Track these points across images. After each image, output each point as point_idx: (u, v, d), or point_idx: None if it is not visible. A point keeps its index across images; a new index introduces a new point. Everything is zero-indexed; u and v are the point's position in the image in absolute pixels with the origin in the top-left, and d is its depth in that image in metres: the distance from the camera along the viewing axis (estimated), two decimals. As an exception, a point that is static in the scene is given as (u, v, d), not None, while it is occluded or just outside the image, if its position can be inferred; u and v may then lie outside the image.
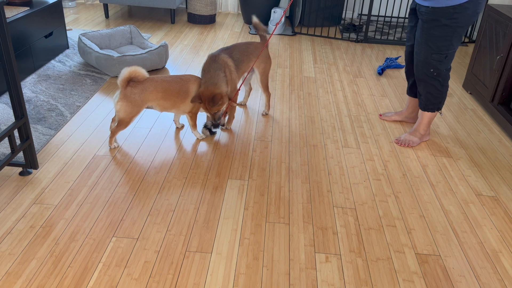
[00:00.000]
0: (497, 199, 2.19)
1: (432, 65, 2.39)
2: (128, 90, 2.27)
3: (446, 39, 2.30)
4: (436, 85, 2.45)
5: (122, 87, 2.26)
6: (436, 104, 2.52)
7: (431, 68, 2.41)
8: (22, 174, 2.14)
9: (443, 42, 2.32)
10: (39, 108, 2.77)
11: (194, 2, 4.76)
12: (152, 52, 3.36)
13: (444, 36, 2.30)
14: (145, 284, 1.59)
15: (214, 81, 2.39)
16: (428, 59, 2.39)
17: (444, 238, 1.91)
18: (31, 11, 3.21)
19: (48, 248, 1.72)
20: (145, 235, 1.82)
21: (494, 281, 1.70)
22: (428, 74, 2.43)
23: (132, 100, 2.28)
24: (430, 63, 2.39)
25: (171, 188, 2.12)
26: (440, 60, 2.37)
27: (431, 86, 2.46)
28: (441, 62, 2.38)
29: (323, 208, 2.05)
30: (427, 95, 2.50)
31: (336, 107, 3.05)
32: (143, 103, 2.32)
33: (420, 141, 2.62)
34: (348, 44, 4.49)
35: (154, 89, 2.33)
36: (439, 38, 2.31)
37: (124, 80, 2.25)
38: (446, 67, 2.41)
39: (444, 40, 2.31)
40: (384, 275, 1.70)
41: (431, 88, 2.47)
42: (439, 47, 2.34)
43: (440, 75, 2.42)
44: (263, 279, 1.65)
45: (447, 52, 2.34)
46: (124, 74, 2.23)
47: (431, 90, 2.48)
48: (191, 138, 2.57)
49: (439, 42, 2.32)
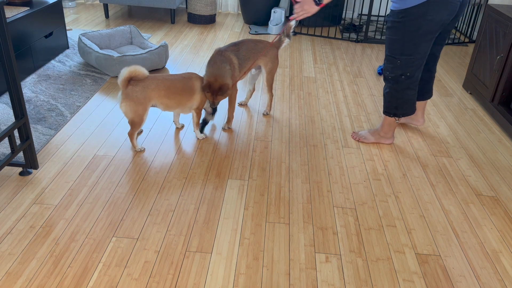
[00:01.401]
0: (497, 199, 2.19)
1: (388, 68, 2.37)
2: (129, 89, 2.26)
3: (397, 42, 2.26)
4: (391, 90, 2.41)
5: (123, 87, 2.26)
6: (392, 109, 2.46)
7: (387, 71, 2.38)
8: (22, 174, 2.14)
9: (394, 46, 2.28)
10: (39, 108, 2.78)
11: (194, 2, 4.76)
12: (152, 52, 3.36)
13: (395, 39, 2.26)
14: (145, 284, 1.59)
15: (221, 73, 2.43)
16: (385, 61, 2.38)
17: (444, 238, 1.91)
18: (31, 11, 3.21)
19: (48, 248, 1.72)
20: (145, 235, 1.82)
21: (494, 281, 1.70)
22: (385, 77, 2.41)
23: (134, 99, 2.27)
24: (387, 66, 2.38)
25: (171, 188, 2.12)
26: (393, 64, 2.33)
27: (388, 88, 2.43)
28: (393, 66, 2.33)
29: (323, 208, 2.05)
30: (385, 96, 2.47)
31: (336, 107, 3.05)
32: (146, 101, 2.31)
33: (375, 140, 2.60)
34: (348, 44, 4.49)
35: (156, 87, 2.32)
36: (392, 41, 2.29)
37: (125, 80, 2.24)
38: (403, 73, 2.33)
39: (395, 43, 2.27)
40: (384, 275, 1.70)
41: (387, 90, 2.44)
42: (392, 50, 2.31)
43: (396, 81, 2.37)
44: (263, 279, 1.65)
45: (400, 57, 2.29)
46: (124, 74, 2.22)
47: (387, 93, 2.44)
48: (191, 138, 2.57)
49: (391, 44, 2.30)
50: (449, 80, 3.67)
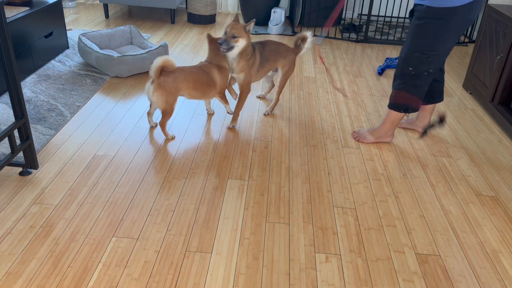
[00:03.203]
0: (497, 199, 2.19)
1: (412, 63, 2.33)
2: (161, 79, 2.37)
3: (431, 39, 2.24)
4: (408, 84, 2.37)
5: (156, 76, 2.35)
6: (403, 104, 2.44)
7: (410, 67, 2.33)
8: (22, 174, 2.14)
9: (427, 42, 2.25)
10: (39, 108, 2.78)
11: (194, 2, 4.76)
12: (152, 52, 3.36)
13: (430, 35, 2.23)
14: (145, 284, 1.59)
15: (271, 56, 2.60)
16: (409, 56, 2.32)
17: (444, 238, 1.91)
18: (31, 11, 3.21)
19: (48, 248, 1.72)
20: (145, 235, 1.82)
21: (494, 281, 1.70)
22: (405, 71, 2.36)
23: (166, 89, 2.39)
24: (410, 61, 2.33)
25: (171, 188, 2.12)
26: (422, 61, 2.30)
27: (403, 84, 2.38)
28: (422, 62, 2.30)
29: (323, 208, 2.05)
30: (397, 93, 2.43)
31: (336, 107, 3.05)
32: (176, 91, 2.44)
33: (374, 140, 2.59)
34: (348, 44, 4.49)
35: (185, 79, 2.45)
36: (424, 36, 2.25)
37: (158, 69, 2.33)
38: (427, 69, 2.32)
39: (430, 40, 2.24)
40: (384, 275, 1.70)
41: (402, 85, 2.39)
42: (422, 46, 2.27)
43: (417, 76, 2.35)
44: (263, 279, 1.65)
45: (430, 53, 2.27)
46: (158, 62, 2.31)
47: (402, 87, 2.40)
48: (191, 138, 2.57)
49: (423, 40, 2.26)
50: (449, 80, 3.67)
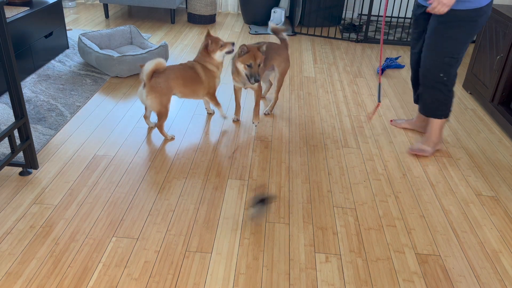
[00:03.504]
0: (497, 199, 2.19)
1: (443, 69, 2.30)
2: (153, 81, 2.37)
3: (460, 42, 2.22)
4: (443, 90, 2.36)
5: (147, 79, 2.36)
6: (442, 109, 2.43)
7: (441, 73, 2.31)
8: (22, 174, 2.14)
9: (457, 45, 2.23)
10: (39, 108, 2.78)
11: (194, 2, 4.76)
12: (152, 52, 3.36)
13: (460, 39, 2.21)
14: (145, 284, 1.59)
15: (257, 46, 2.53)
16: (439, 63, 2.29)
17: (444, 238, 1.91)
18: (31, 11, 3.21)
19: (48, 248, 1.72)
20: (145, 235, 1.82)
21: (494, 281, 1.70)
22: (437, 79, 2.33)
23: (159, 90, 2.39)
24: (441, 68, 2.30)
25: (171, 188, 2.12)
26: (452, 64, 2.28)
27: (438, 91, 2.37)
28: (452, 66, 2.29)
29: (323, 208, 2.05)
30: (433, 101, 2.41)
31: (336, 107, 3.05)
32: (169, 91, 2.44)
33: (433, 150, 2.52)
34: (348, 44, 4.49)
35: (176, 76, 2.45)
36: (455, 41, 2.22)
37: (150, 73, 2.34)
38: (455, 71, 2.33)
39: (459, 43, 2.22)
40: (384, 275, 1.70)
41: (438, 93, 2.38)
42: (452, 51, 2.24)
43: (449, 80, 2.34)
44: (263, 279, 1.65)
45: (458, 56, 2.26)
46: (151, 66, 2.32)
47: (438, 96, 2.39)
48: (191, 138, 2.57)
49: (453, 45, 2.23)
50: (449, 80, 3.67)
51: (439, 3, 2.09)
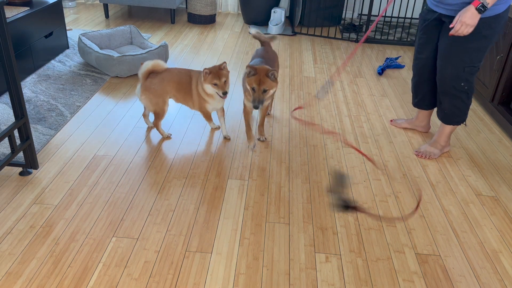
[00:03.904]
0: (497, 199, 2.19)
1: (463, 78, 2.25)
2: (148, 82, 2.39)
3: (481, 51, 2.17)
4: (464, 98, 2.33)
5: (143, 79, 2.38)
6: (461, 116, 2.41)
7: (462, 82, 2.27)
8: (22, 174, 2.14)
9: (477, 54, 2.18)
10: (39, 108, 2.78)
11: (194, 2, 4.76)
12: (152, 52, 3.36)
13: (480, 48, 2.17)
14: (145, 284, 1.59)
15: (270, 64, 2.44)
16: (460, 72, 2.24)
17: (444, 238, 1.91)
18: (31, 11, 3.21)
19: (48, 248, 1.72)
20: (145, 235, 1.82)
21: (494, 281, 1.70)
22: (457, 87, 2.29)
23: (152, 91, 2.40)
24: (462, 77, 2.25)
25: (171, 188, 2.12)
26: (472, 73, 2.25)
27: (458, 99, 2.34)
28: (472, 75, 2.25)
29: (323, 208, 2.05)
30: (453, 109, 2.38)
31: (336, 107, 3.05)
32: (163, 93, 2.43)
33: (440, 152, 2.51)
34: (348, 44, 4.49)
35: (171, 78, 2.43)
36: (475, 50, 2.17)
37: (146, 73, 2.37)
38: (474, 78, 2.29)
39: (479, 52, 2.18)
40: (384, 275, 1.70)
41: (457, 102, 2.34)
42: (472, 60, 2.20)
43: (470, 89, 2.30)
44: (263, 279, 1.65)
45: (479, 64, 2.22)
46: (147, 66, 2.34)
47: (457, 104, 2.35)
48: (191, 138, 2.57)
49: (474, 54, 2.18)
50: (449, 80, 3.67)
51: (462, 24, 2.03)
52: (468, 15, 2.00)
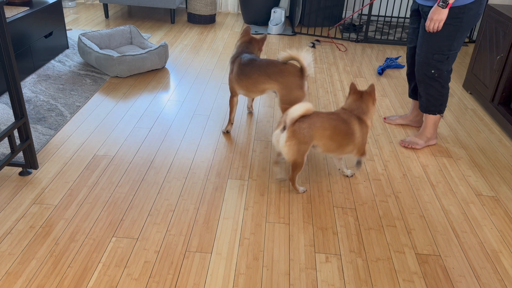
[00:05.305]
0: (497, 199, 2.19)
1: (433, 65, 2.39)
2: (296, 126, 1.98)
3: (448, 39, 2.30)
4: (437, 87, 2.44)
5: (290, 124, 1.98)
6: (437, 106, 2.50)
7: (432, 69, 2.40)
8: (22, 174, 2.14)
9: (445, 42, 2.31)
10: (39, 108, 2.77)
11: (194, 2, 4.76)
12: (151, 52, 3.36)
13: (447, 36, 2.29)
14: (145, 284, 1.59)
15: None
16: (429, 59, 2.38)
17: (444, 238, 1.91)
18: (31, 11, 3.21)
19: (48, 248, 1.72)
20: (145, 235, 1.82)
21: (494, 281, 1.70)
22: (428, 75, 2.42)
23: (300, 138, 1.98)
24: (431, 64, 2.38)
25: (171, 188, 2.12)
26: (441, 61, 2.37)
27: (432, 87, 2.45)
28: (442, 62, 2.37)
29: (323, 208, 2.05)
30: (428, 97, 2.49)
31: (336, 107, 3.05)
32: (310, 140, 2.02)
33: (425, 144, 2.59)
34: (348, 44, 4.49)
35: (322, 125, 2.03)
36: (441, 37, 2.30)
37: (297, 118, 1.98)
38: (447, 68, 2.40)
39: (446, 40, 2.30)
40: (384, 275, 1.70)
41: (431, 89, 2.46)
42: (440, 47, 2.33)
43: (441, 76, 2.41)
44: (263, 279, 1.65)
45: (448, 52, 2.34)
46: (299, 111, 1.96)
47: (431, 91, 2.46)
48: (191, 138, 2.57)
49: (441, 41, 2.31)
50: (449, 80, 3.68)
51: (430, 20, 2.23)
52: (434, 11, 2.21)
